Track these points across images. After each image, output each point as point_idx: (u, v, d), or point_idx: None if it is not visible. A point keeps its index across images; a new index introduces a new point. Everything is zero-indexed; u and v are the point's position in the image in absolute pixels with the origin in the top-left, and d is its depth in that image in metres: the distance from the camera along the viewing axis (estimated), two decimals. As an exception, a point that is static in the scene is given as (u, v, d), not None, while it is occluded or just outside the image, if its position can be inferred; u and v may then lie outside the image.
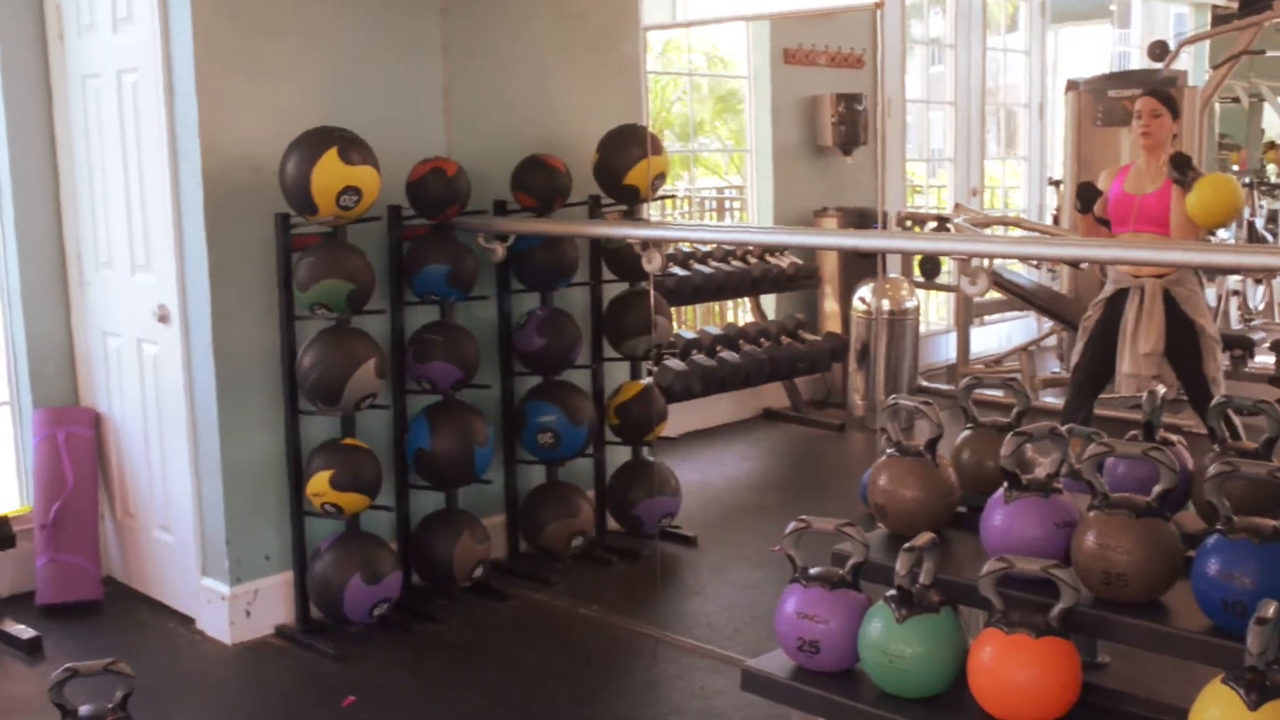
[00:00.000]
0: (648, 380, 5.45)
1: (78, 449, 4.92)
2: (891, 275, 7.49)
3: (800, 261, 7.49)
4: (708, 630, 4.55)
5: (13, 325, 4.99)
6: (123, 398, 4.90)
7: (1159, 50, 8.25)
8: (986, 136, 9.85)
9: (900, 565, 2.77)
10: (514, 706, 4.02)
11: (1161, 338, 4.85)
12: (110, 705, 3.30)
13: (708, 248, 7.05)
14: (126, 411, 4.90)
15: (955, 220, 7.33)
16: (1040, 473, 3.03)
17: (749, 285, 7.23)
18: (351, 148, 4.23)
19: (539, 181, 4.94)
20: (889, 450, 3.27)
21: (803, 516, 3.02)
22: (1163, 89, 5.07)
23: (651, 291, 5.20)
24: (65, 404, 5.05)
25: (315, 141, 4.21)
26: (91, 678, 3.31)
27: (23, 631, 4.50)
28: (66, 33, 4.82)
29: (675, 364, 6.56)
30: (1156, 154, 4.89)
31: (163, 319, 4.57)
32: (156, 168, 4.48)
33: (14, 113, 4.84)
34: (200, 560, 4.61)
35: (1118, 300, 4.97)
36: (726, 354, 6.88)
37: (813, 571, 2.97)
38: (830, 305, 7.83)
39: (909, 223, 7.79)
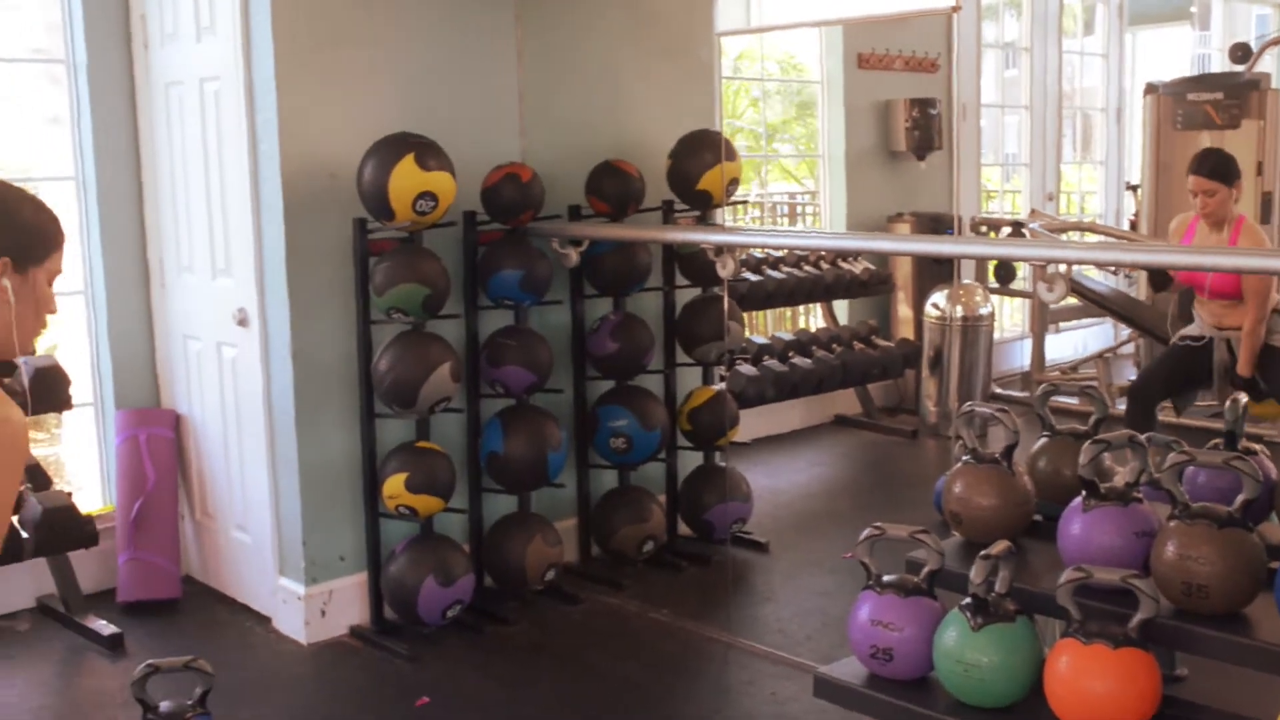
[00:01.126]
0: (720, 385, 5.44)
1: (158, 450, 5.01)
2: (965, 281, 7.42)
3: (873, 267, 7.44)
4: (779, 636, 4.54)
5: (97, 328, 5.09)
6: (202, 399, 4.98)
7: (1240, 53, 8.11)
8: (1062, 141, 9.73)
9: (976, 573, 2.75)
10: (585, 709, 4.04)
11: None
12: (190, 702, 3.37)
13: (780, 253, 7.03)
14: (206, 413, 4.98)
15: (1031, 225, 7.25)
16: (1119, 481, 2.99)
17: (822, 290, 7.19)
18: (428, 154, 4.27)
19: (613, 187, 4.96)
20: (965, 457, 3.25)
21: (877, 523, 3.00)
22: (1209, 163, 4.92)
23: (725, 297, 5.19)
24: (147, 405, 5.15)
25: (393, 147, 4.26)
26: (172, 674, 3.38)
27: (104, 627, 4.59)
28: (151, 42, 4.91)
29: (747, 369, 6.55)
30: (1220, 226, 4.87)
31: (242, 322, 4.64)
32: (237, 173, 4.55)
33: (100, 120, 4.95)
34: (277, 560, 4.67)
35: (1207, 344, 4.97)
36: (799, 360, 6.85)
37: (887, 578, 2.95)
38: (903, 311, 7.77)
39: (983, 228, 7.72)
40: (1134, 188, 9.17)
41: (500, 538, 4.76)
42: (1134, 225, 8.77)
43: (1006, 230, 7.61)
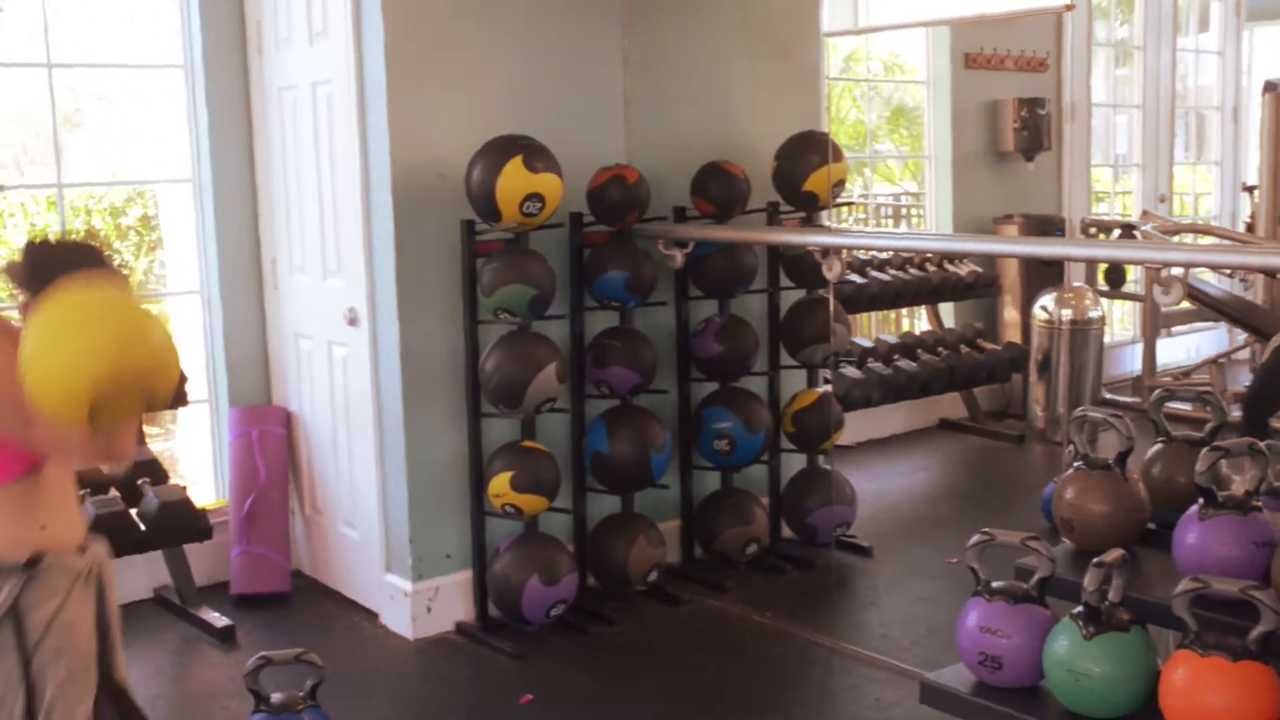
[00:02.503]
0: (825, 388, 5.41)
1: (270, 446, 5.10)
2: (1075, 284, 7.30)
3: (980, 269, 7.35)
4: (883, 641, 4.50)
5: (212, 327, 5.21)
6: (313, 397, 5.07)
7: (1364, 50, 7.87)
8: (1175, 141, 9.52)
9: (1089, 581, 2.71)
10: (687, 711, 4.04)
11: None
12: (300, 694, 3.44)
13: (885, 254, 6.97)
14: (316, 411, 5.06)
15: (1143, 227, 7.11)
16: (1237, 489, 2.92)
17: (927, 293, 7.12)
18: (535, 156, 4.30)
19: (718, 188, 4.95)
20: (1077, 463, 3.19)
21: (986, 529, 2.97)
22: None
23: (832, 299, 5.16)
24: (259, 403, 5.25)
25: (500, 150, 4.30)
26: (283, 666, 3.45)
27: (218, 619, 4.69)
28: (265, 47, 5.01)
29: (851, 372, 6.51)
30: None
31: (352, 322, 4.71)
32: (348, 176, 4.62)
33: (217, 124, 5.06)
34: (384, 556, 4.74)
35: None
36: (903, 362, 6.79)
37: (996, 585, 2.92)
38: (1010, 314, 7.66)
39: (1093, 230, 7.58)
40: (1250, 189, 8.95)
41: (604, 538, 4.78)
42: (1250, 227, 8.55)
43: (1117, 232, 7.48)
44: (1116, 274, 7.56)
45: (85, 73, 5.64)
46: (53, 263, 2.21)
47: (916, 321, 8.10)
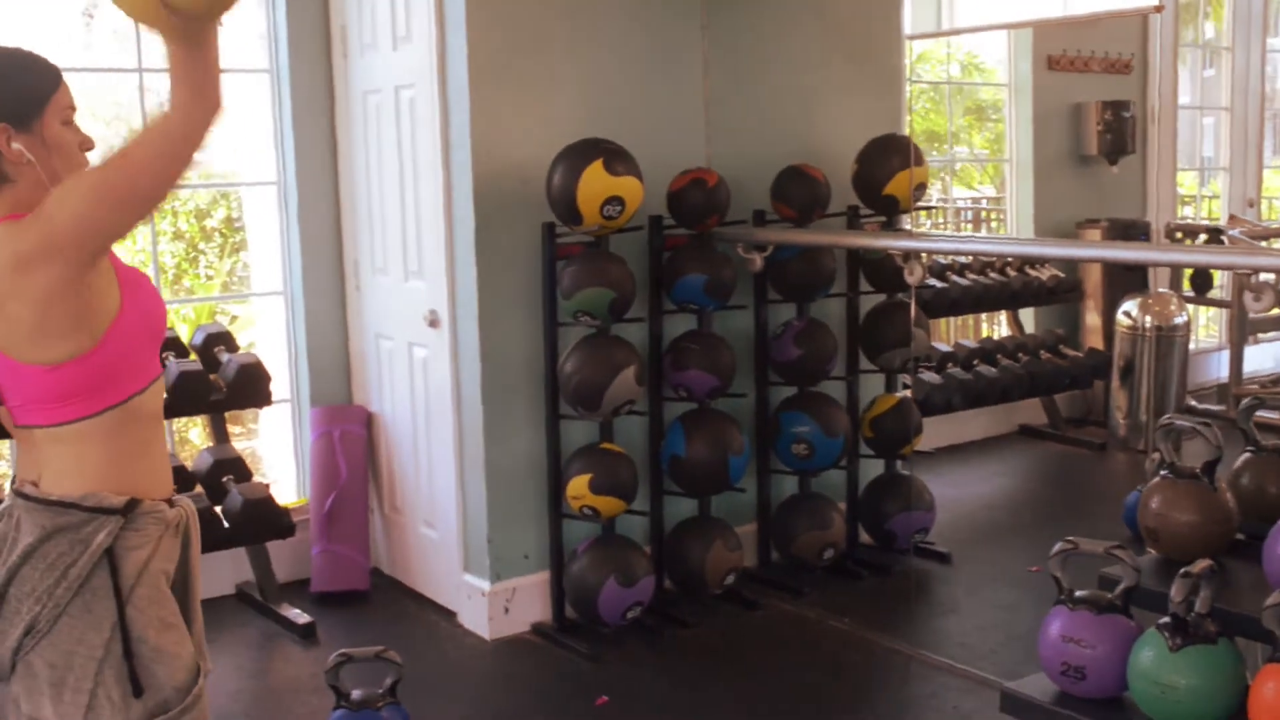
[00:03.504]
0: (904, 393, 5.38)
1: (351, 446, 5.17)
2: (1159, 290, 7.19)
3: (1062, 274, 7.27)
4: (962, 649, 4.46)
5: (295, 327, 5.28)
6: (393, 398, 5.12)
7: None
8: (1264, 143, 9.34)
9: (1176, 592, 2.67)
10: (764, 715, 4.03)
11: None
12: (380, 691, 3.48)
13: (965, 259, 6.91)
14: (396, 411, 5.11)
15: (1230, 232, 6.99)
16: (1331, 501, 2.87)
17: (1008, 298, 7.05)
18: (616, 159, 4.31)
19: (798, 192, 4.94)
20: (1163, 471, 3.15)
21: (1070, 537, 2.93)
22: None
23: (913, 304, 5.13)
24: (340, 403, 5.32)
25: (581, 153, 4.32)
26: (363, 663, 3.49)
27: (298, 616, 4.75)
28: (350, 52, 5.07)
29: (931, 377, 6.46)
30: None
31: (433, 324, 4.75)
32: (430, 179, 4.67)
33: (301, 127, 5.13)
34: (462, 556, 4.77)
35: None
36: (983, 368, 6.73)
37: (1079, 594, 2.88)
38: (1092, 320, 7.56)
39: (1178, 235, 7.46)
40: (1342, 193, 8.77)
41: (681, 541, 4.78)
42: (1341, 232, 8.37)
43: (1203, 237, 7.36)
44: (1202, 279, 7.45)
45: (174, 77, 5.74)
46: None
47: (997, 327, 8.03)
